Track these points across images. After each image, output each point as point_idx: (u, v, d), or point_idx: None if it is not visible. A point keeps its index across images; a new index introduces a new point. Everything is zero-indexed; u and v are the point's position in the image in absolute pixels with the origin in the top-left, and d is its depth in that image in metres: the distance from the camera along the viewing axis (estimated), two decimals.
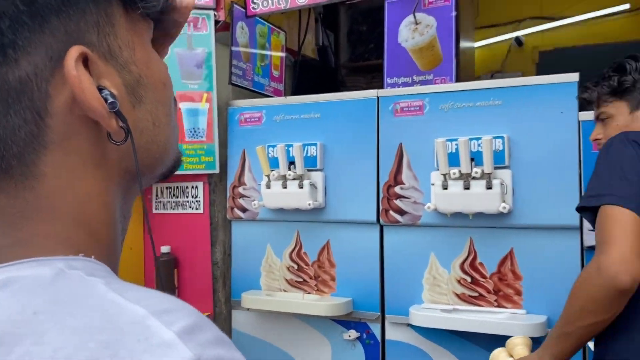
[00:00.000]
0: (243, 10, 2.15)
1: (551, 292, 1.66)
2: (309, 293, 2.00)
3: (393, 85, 2.37)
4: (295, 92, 2.67)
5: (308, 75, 2.85)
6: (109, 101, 0.42)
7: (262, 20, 2.34)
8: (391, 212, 1.87)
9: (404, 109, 1.89)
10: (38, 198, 0.41)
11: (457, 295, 1.79)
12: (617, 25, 3.84)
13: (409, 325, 1.82)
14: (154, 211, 2.25)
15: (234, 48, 2.14)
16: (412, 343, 1.84)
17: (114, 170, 0.46)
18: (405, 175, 1.86)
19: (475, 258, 1.76)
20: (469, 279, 1.77)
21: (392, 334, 1.88)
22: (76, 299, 0.37)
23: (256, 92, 2.31)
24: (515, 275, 1.71)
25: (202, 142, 2.09)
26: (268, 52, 2.41)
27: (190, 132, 2.07)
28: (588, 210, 1.19)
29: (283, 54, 2.54)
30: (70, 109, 0.41)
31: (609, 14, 3.72)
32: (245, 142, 2.10)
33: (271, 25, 2.42)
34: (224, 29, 2.14)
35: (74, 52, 0.40)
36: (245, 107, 2.13)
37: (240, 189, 2.10)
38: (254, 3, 2.13)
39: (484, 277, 1.75)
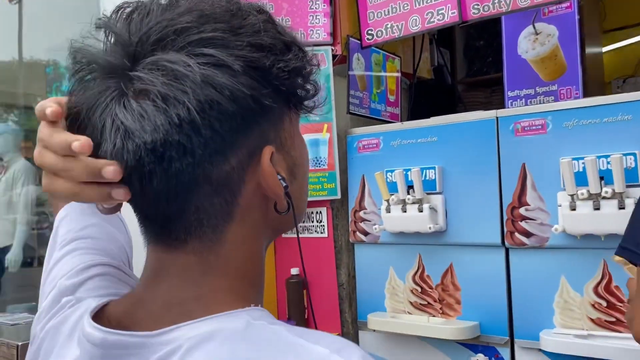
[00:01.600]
0: (358, 42, 2.25)
1: None
2: (434, 316, 2.01)
3: (515, 98, 2.32)
4: (413, 114, 2.71)
5: (425, 96, 2.87)
6: (284, 185, 0.53)
7: (376, 49, 2.42)
8: (517, 234, 1.83)
9: (525, 129, 1.85)
10: (218, 259, 0.53)
11: (591, 320, 1.70)
12: None
13: (540, 350, 1.76)
14: (283, 235, 2.40)
15: (350, 74, 2.24)
16: None
17: (269, 231, 0.57)
18: (529, 196, 1.82)
19: (610, 281, 1.67)
20: (604, 304, 1.68)
21: (522, 359, 1.83)
22: (270, 345, 0.47)
23: (373, 119, 2.39)
24: None
25: (324, 170, 2.21)
26: (383, 74, 2.48)
27: (313, 161, 2.20)
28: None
29: (398, 74, 2.60)
30: (254, 190, 0.53)
31: None
32: (364, 168, 2.18)
33: (386, 53, 2.50)
34: (341, 61, 2.26)
35: (268, 152, 0.53)
36: (362, 134, 2.21)
37: (361, 213, 2.18)
38: (369, 34, 2.22)
39: (621, 301, 1.65)
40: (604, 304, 1.68)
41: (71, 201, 0.77)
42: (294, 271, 2.27)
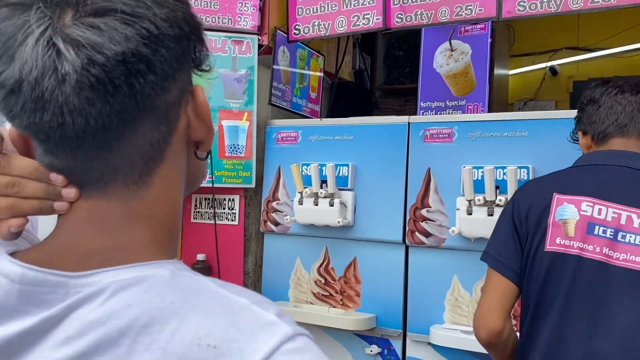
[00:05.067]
0: (285, 35, 2.28)
1: None
2: (334, 307, 2.08)
3: (426, 109, 2.45)
4: (331, 113, 2.78)
5: (344, 97, 2.96)
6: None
7: (302, 45, 2.46)
8: (417, 233, 1.95)
9: (434, 136, 1.97)
10: (140, 206, 0.51)
11: None
12: None
13: (429, 343, 1.88)
14: (192, 220, 2.38)
15: (275, 67, 2.27)
16: None
17: (186, 180, 0.57)
18: (432, 198, 1.94)
19: None
20: None
21: (412, 351, 1.95)
22: (196, 292, 0.49)
23: (293, 113, 2.43)
24: None
25: (241, 157, 2.21)
26: (306, 72, 2.53)
27: (230, 148, 2.20)
28: None
29: (321, 74, 2.66)
30: (184, 130, 0.53)
31: None
32: (281, 159, 2.22)
33: (311, 50, 2.55)
34: (266, 52, 2.28)
35: (201, 89, 0.53)
36: (282, 126, 2.25)
37: (274, 204, 2.21)
38: (296, 29, 2.26)
39: None
40: None
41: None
42: (200, 257, 2.26)
